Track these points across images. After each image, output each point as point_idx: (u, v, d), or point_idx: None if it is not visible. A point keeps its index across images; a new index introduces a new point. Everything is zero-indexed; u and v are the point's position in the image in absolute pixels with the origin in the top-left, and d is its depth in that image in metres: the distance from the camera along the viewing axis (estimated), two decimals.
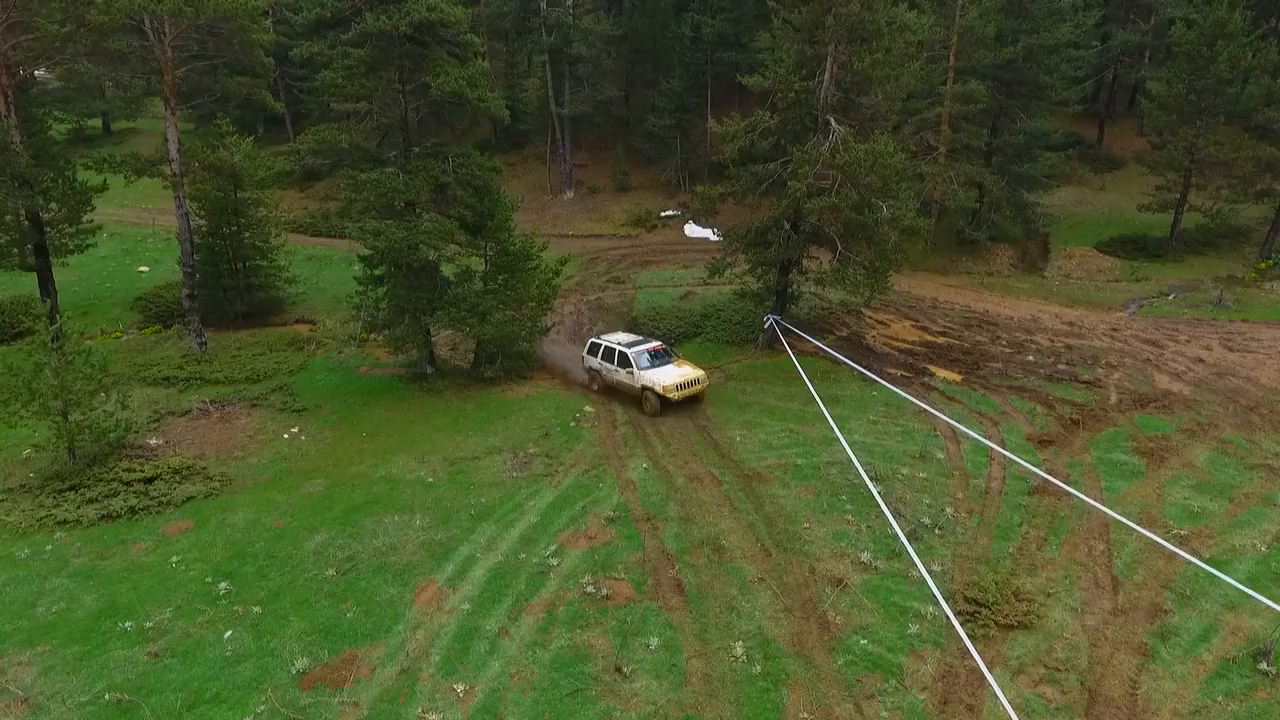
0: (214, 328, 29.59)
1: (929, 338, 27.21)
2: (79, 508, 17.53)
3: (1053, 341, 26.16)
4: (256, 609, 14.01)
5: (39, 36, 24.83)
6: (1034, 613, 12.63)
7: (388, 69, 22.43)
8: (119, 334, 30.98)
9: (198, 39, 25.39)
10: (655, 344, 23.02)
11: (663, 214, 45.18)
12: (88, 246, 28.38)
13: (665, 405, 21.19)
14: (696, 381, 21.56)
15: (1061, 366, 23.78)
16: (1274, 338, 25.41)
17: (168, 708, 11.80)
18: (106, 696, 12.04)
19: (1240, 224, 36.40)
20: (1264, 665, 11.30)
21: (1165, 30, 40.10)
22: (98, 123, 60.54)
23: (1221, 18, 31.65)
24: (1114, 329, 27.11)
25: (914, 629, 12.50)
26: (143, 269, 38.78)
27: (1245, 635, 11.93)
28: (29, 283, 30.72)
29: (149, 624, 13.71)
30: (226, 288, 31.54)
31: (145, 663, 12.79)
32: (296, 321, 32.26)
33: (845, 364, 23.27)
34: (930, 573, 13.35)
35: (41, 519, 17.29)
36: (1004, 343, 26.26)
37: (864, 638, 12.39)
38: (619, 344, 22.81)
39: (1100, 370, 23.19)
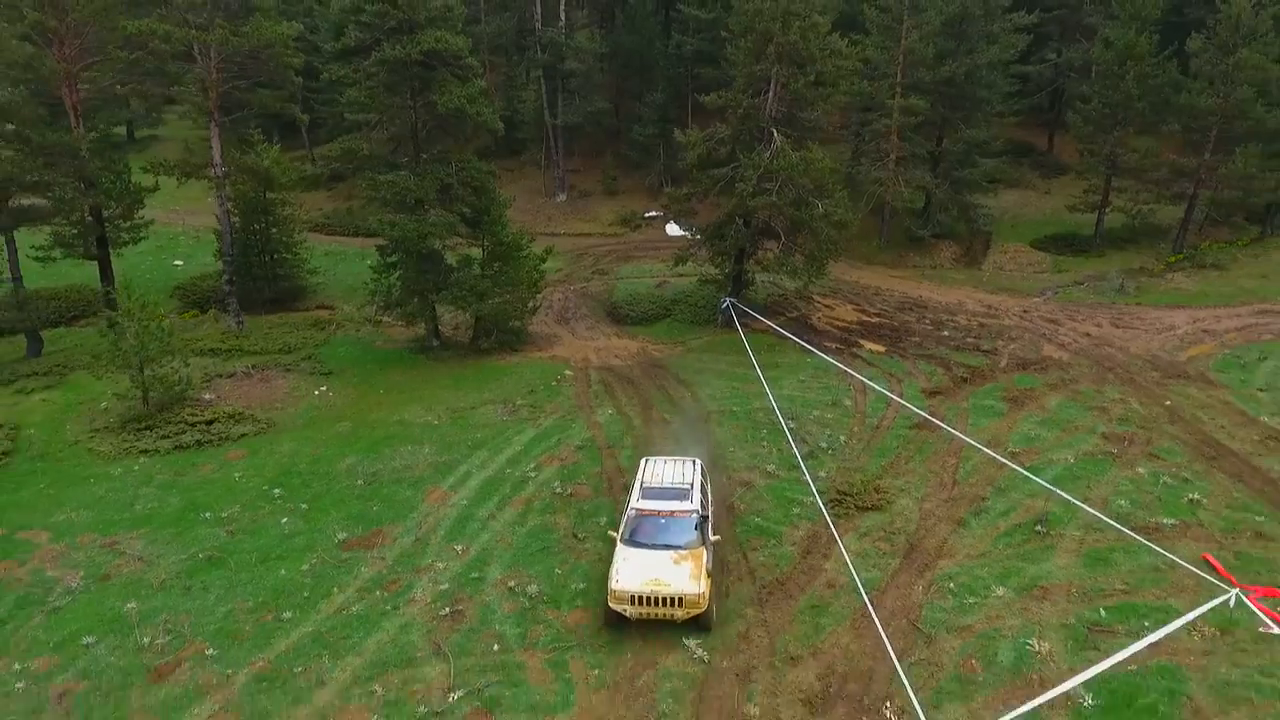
0: (245, 311, 33.83)
1: (865, 318, 31.57)
2: (155, 441, 21.91)
3: (970, 321, 30.50)
4: (304, 505, 18.37)
5: (105, 59, 29.40)
6: (886, 500, 16.94)
7: (401, 88, 26.86)
8: (163, 317, 35.33)
9: (238, 61, 29.83)
10: (686, 507, 14.28)
11: (646, 215, 49.59)
12: (140, 239, 32.78)
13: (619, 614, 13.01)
14: (674, 603, 12.64)
15: (969, 340, 28.12)
16: (1157, 318, 29.73)
17: (245, 562, 16.13)
18: (200, 555, 16.39)
19: (1160, 223, 40.61)
20: (1039, 528, 15.57)
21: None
22: (121, 130, 65.08)
23: (1131, 40, 36.04)
24: (1025, 311, 31.44)
25: (795, 511, 16.80)
26: (177, 263, 43.21)
27: (1035, 512, 16.20)
28: (79, 275, 35.37)
29: (223, 514, 18.08)
30: (256, 277, 35.85)
31: (224, 537, 17.14)
32: (317, 307, 36.61)
33: (788, 338, 27.58)
34: (815, 478, 17.68)
35: (126, 449, 21.67)
36: (928, 322, 30.61)
37: (758, 517, 16.70)
38: (642, 482, 15.35)
39: (1000, 342, 27.52)
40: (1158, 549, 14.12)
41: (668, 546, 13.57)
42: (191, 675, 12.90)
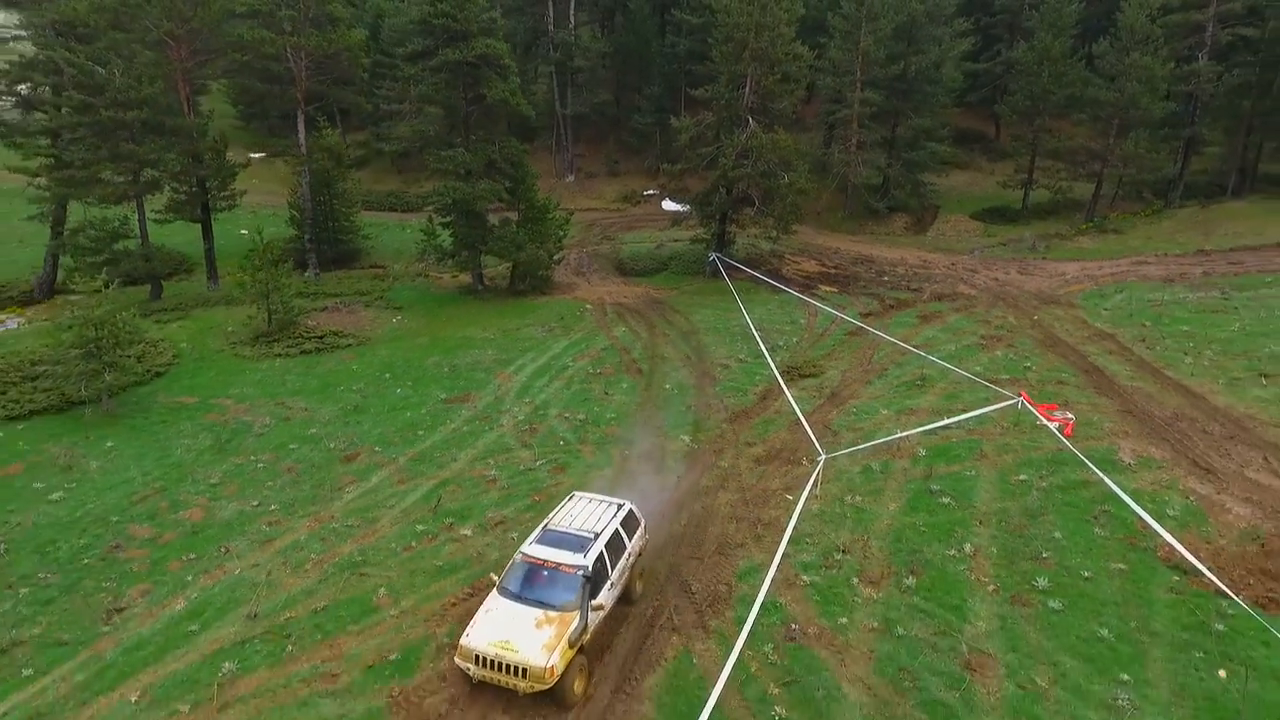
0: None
1: (825, 269, 39.11)
2: (284, 348, 29.24)
3: (907, 270, 38.07)
4: (409, 383, 25.78)
5: (211, 58, 36.52)
6: (820, 371, 24.48)
7: (456, 84, 34.09)
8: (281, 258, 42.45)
9: (319, 61, 36.99)
10: (575, 562, 12.49)
11: (645, 193, 57.00)
12: (234, 206, 39.92)
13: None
14: (518, 673, 11.20)
15: (903, 283, 35.69)
16: (1055, 268, 37.35)
17: (380, 409, 23.54)
18: (348, 407, 23.79)
19: (1078, 197, 48.22)
20: (919, 383, 23.10)
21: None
22: None
23: (1047, 44, 43.59)
24: (952, 264, 39.02)
25: (757, 379, 24.30)
26: (243, 232, 50.19)
27: (918, 375, 23.72)
28: (172, 242, 42.43)
29: (354, 388, 25.47)
30: (321, 240, 42.97)
31: (360, 398, 24.53)
32: (370, 266, 43.88)
33: (763, 281, 35.06)
34: (773, 360, 25.16)
35: (263, 353, 28.99)
36: (873, 271, 38.18)
37: (730, 381, 24.21)
38: (547, 522, 13.77)
39: (925, 284, 35.11)
40: (993, 387, 21.64)
41: (540, 604, 12.00)
42: (369, 459, 20.34)
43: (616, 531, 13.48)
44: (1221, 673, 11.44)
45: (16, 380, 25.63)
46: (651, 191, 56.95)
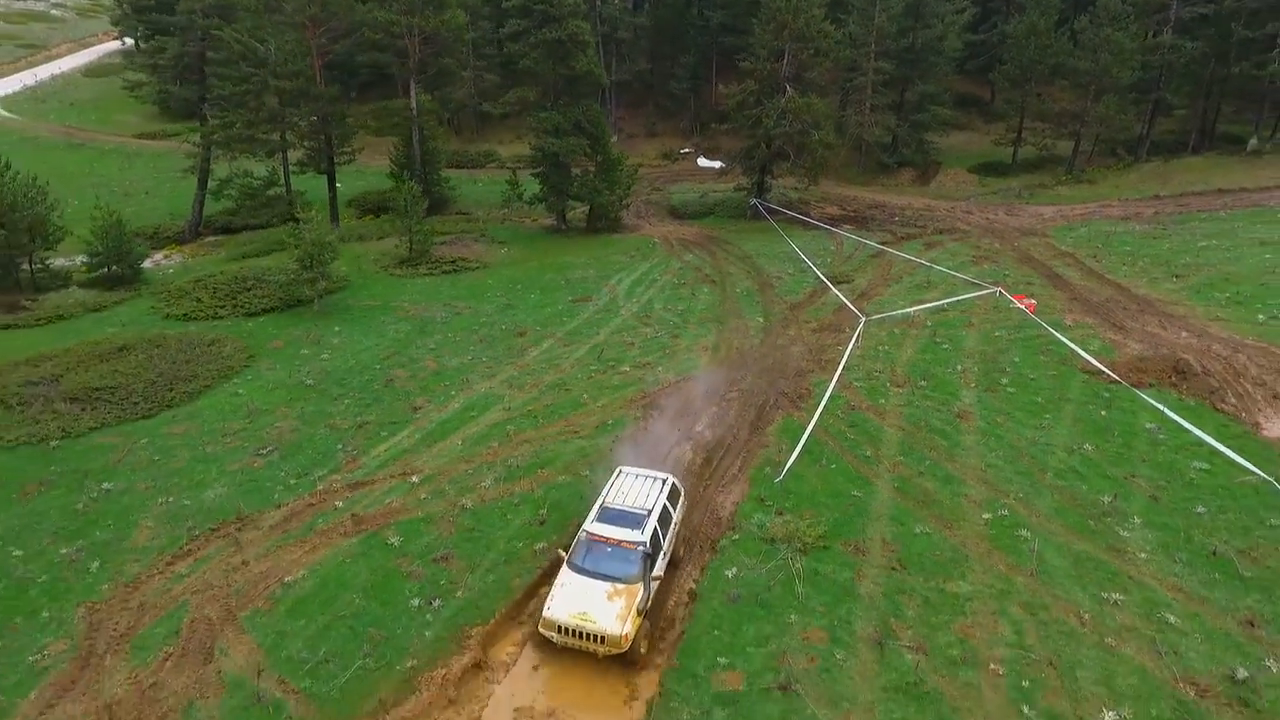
0: None
1: (845, 213, 47.11)
2: (428, 270, 37.30)
3: (913, 213, 46.09)
4: (538, 291, 33.92)
5: (343, 36, 44.01)
6: (851, 279, 32.66)
7: (549, 58, 41.66)
8: (351, 220, 50.44)
9: (428, 37, 44.48)
10: (635, 538, 13.97)
11: (681, 151, 64.62)
12: (352, 161, 47.62)
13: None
14: (597, 639, 12.78)
15: (910, 222, 43.73)
16: (1035, 210, 45.35)
17: (525, 307, 31.70)
18: (500, 305, 31.94)
19: (1060, 154, 55.89)
20: (926, 285, 31.26)
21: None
22: None
23: (1034, 20, 51.08)
24: (951, 208, 47.02)
25: (805, 285, 32.47)
26: (339, 185, 58.00)
27: (926, 280, 31.85)
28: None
29: (497, 294, 33.60)
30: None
31: (506, 301, 32.68)
32: (457, 212, 51.76)
33: (797, 220, 43.05)
34: (818, 270, 33.28)
35: (412, 273, 37.07)
36: (885, 214, 46.22)
37: (784, 287, 32.40)
38: (604, 500, 15.06)
39: (929, 223, 43.17)
40: (981, 284, 29.79)
41: (607, 578, 13.44)
42: (535, 334, 28.55)
43: (665, 507, 14.93)
44: (1103, 412, 19.83)
45: (240, 290, 33.75)
46: (687, 150, 64.58)
